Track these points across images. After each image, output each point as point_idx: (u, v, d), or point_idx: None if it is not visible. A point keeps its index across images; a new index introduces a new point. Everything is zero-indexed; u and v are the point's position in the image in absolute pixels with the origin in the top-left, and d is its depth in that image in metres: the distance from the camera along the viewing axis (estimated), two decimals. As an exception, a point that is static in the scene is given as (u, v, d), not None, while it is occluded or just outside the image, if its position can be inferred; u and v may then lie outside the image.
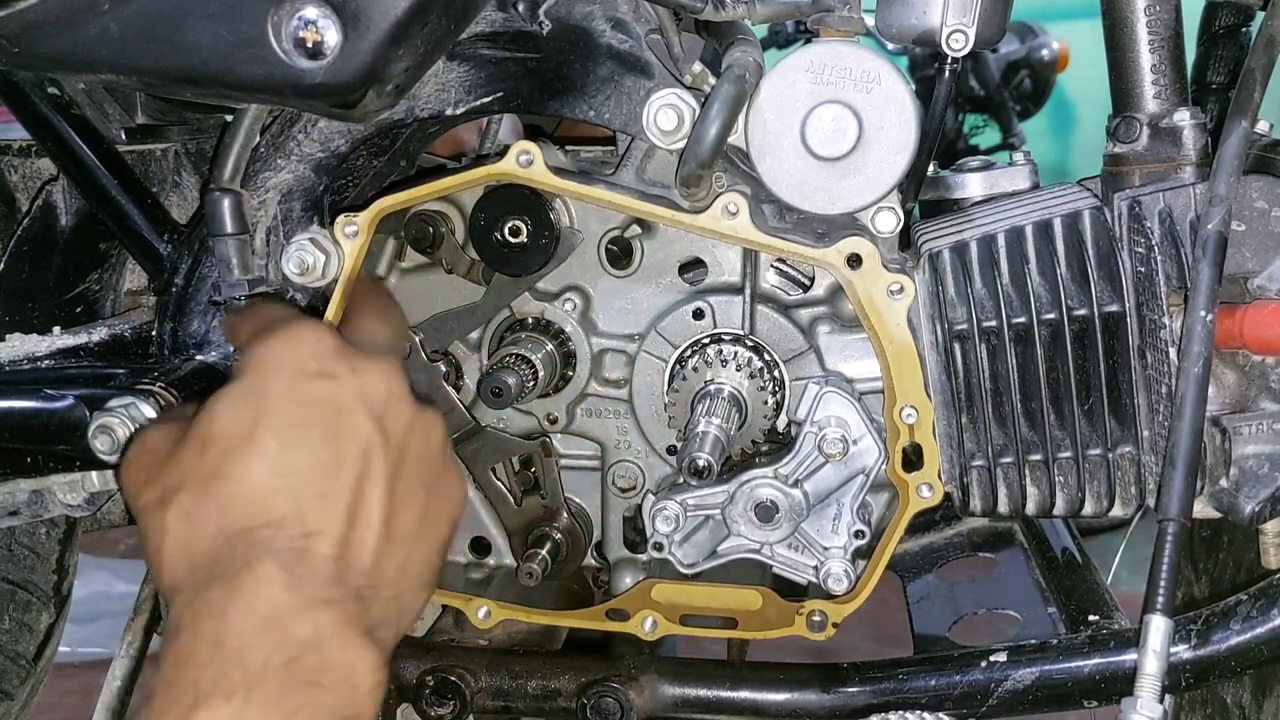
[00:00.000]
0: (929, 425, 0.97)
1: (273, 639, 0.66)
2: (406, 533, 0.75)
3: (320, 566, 0.69)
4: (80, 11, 0.82)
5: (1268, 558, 0.98)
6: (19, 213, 1.28)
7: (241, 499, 0.70)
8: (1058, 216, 0.95)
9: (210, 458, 0.72)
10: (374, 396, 0.75)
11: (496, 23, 0.94)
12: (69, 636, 1.63)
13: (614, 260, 1.06)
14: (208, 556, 0.69)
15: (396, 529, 0.74)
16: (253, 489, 0.70)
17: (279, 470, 0.71)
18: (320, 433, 0.72)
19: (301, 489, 0.71)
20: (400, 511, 0.74)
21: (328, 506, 0.71)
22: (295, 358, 0.74)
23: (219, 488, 0.71)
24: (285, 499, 0.70)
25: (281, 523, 0.69)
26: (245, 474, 0.71)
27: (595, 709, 1.06)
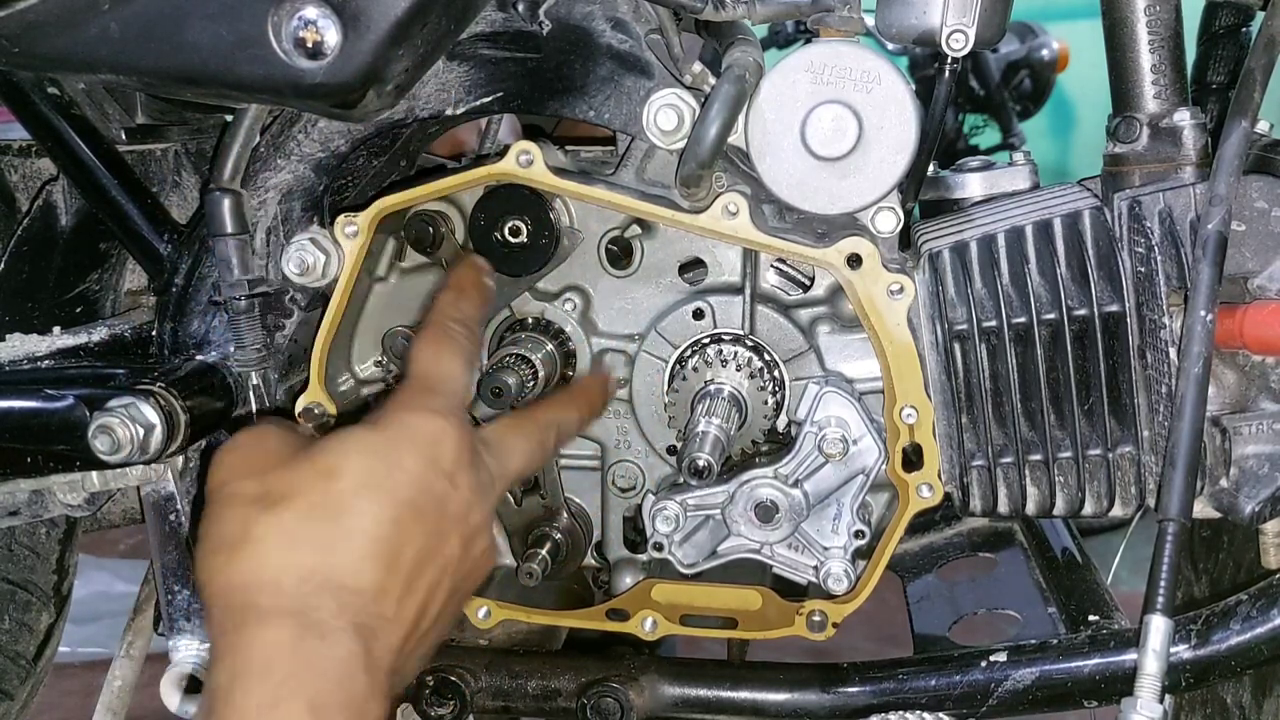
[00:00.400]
0: (929, 425, 0.97)
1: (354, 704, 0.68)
2: (425, 628, 0.77)
3: (385, 657, 0.71)
4: (80, 11, 0.82)
5: (1268, 558, 0.98)
6: (19, 213, 1.28)
7: (346, 552, 0.71)
8: (1058, 216, 0.95)
9: (331, 491, 0.73)
10: (473, 520, 0.78)
11: (496, 23, 0.94)
12: (69, 636, 1.63)
13: (614, 260, 1.06)
14: (296, 589, 0.70)
15: (426, 630, 0.77)
16: (359, 549, 0.72)
17: (386, 545, 0.72)
18: (427, 531, 0.75)
19: (394, 572, 0.73)
20: (434, 613, 0.77)
21: (405, 599, 0.73)
22: (438, 446, 0.77)
23: (327, 528, 0.72)
24: (379, 573, 0.72)
25: (368, 596, 0.71)
26: (359, 530, 0.72)
27: (595, 709, 1.06)
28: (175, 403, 0.95)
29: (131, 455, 0.92)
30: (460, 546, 0.77)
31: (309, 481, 0.73)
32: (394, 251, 1.07)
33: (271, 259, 1.01)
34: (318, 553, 0.71)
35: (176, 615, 1.04)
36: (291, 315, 1.02)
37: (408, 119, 0.97)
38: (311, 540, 0.71)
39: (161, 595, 1.05)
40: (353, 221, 0.97)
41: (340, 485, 0.73)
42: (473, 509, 0.78)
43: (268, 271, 1.01)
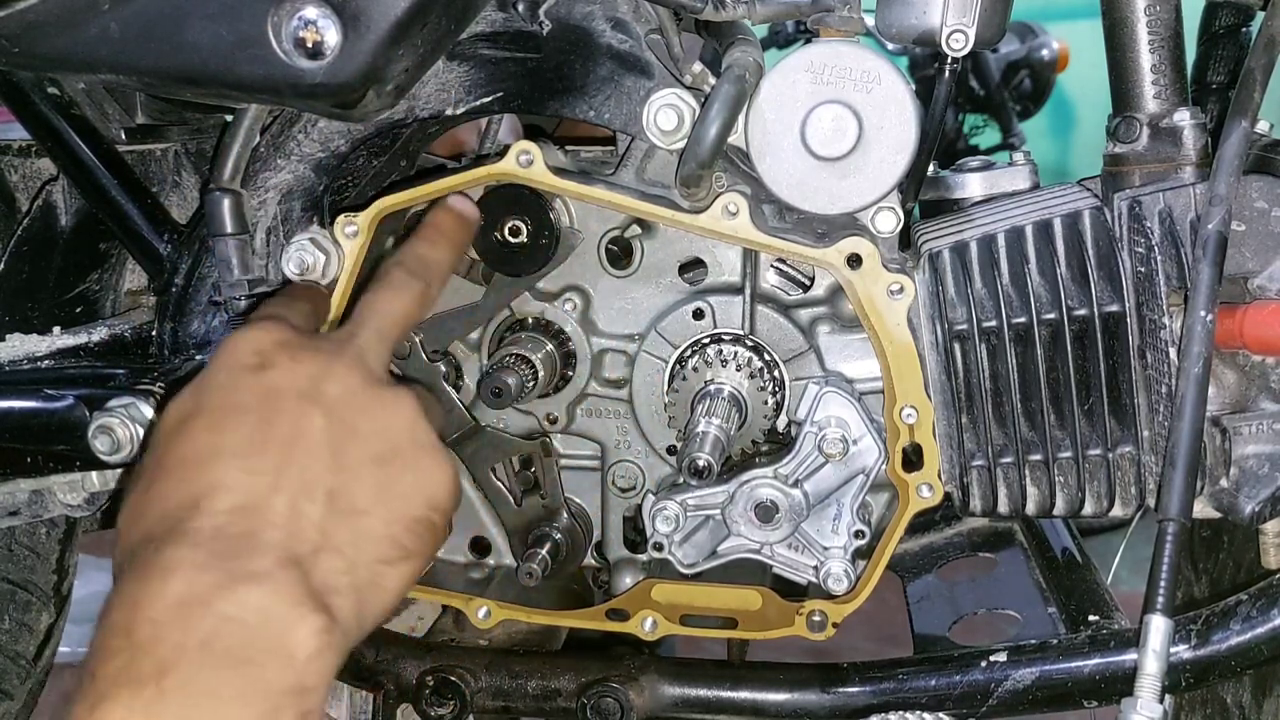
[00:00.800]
0: (929, 425, 0.97)
1: (186, 621, 0.65)
2: (358, 504, 0.74)
3: (241, 541, 0.69)
4: (80, 11, 0.82)
5: (1268, 558, 0.98)
6: (19, 213, 1.27)
7: (169, 484, 0.72)
8: (1058, 216, 0.95)
9: (156, 450, 0.75)
10: (311, 379, 0.76)
11: (496, 23, 0.94)
12: (69, 636, 1.62)
13: (614, 260, 1.06)
14: (130, 547, 0.71)
15: (344, 500, 0.74)
16: (180, 473, 0.72)
17: (203, 454, 0.72)
18: (251, 418, 0.74)
19: (224, 468, 0.71)
20: (349, 486, 0.74)
21: (252, 482, 0.71)
22: (236, 352, 0.77)
23: (155, 478, 0.73)
24: (206, 479, 0.71)
25: (198, 503, 0.70)
26: (175, 461, 0.73)
27: (595, 709, 1.06)
28: (175, 403, 0.95)
29: (131, 455, 0.92)
30: (313, 407, 0.75)
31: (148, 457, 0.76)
32: (394, 251, 1.07)
33: (271, 259, 1.01)
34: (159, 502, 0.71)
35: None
36: (291, 315, 1.02)
37: (408, 119, 0.97)
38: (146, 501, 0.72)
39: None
40: (353, 221, 0.97)
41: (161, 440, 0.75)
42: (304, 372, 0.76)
43: (268, 271, 1.01)
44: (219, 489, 0.70)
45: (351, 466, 0.75)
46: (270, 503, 0.71)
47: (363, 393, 0.77)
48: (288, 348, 0.78)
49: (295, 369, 0.76)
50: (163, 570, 0.67)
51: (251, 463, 0.72)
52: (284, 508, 0.71)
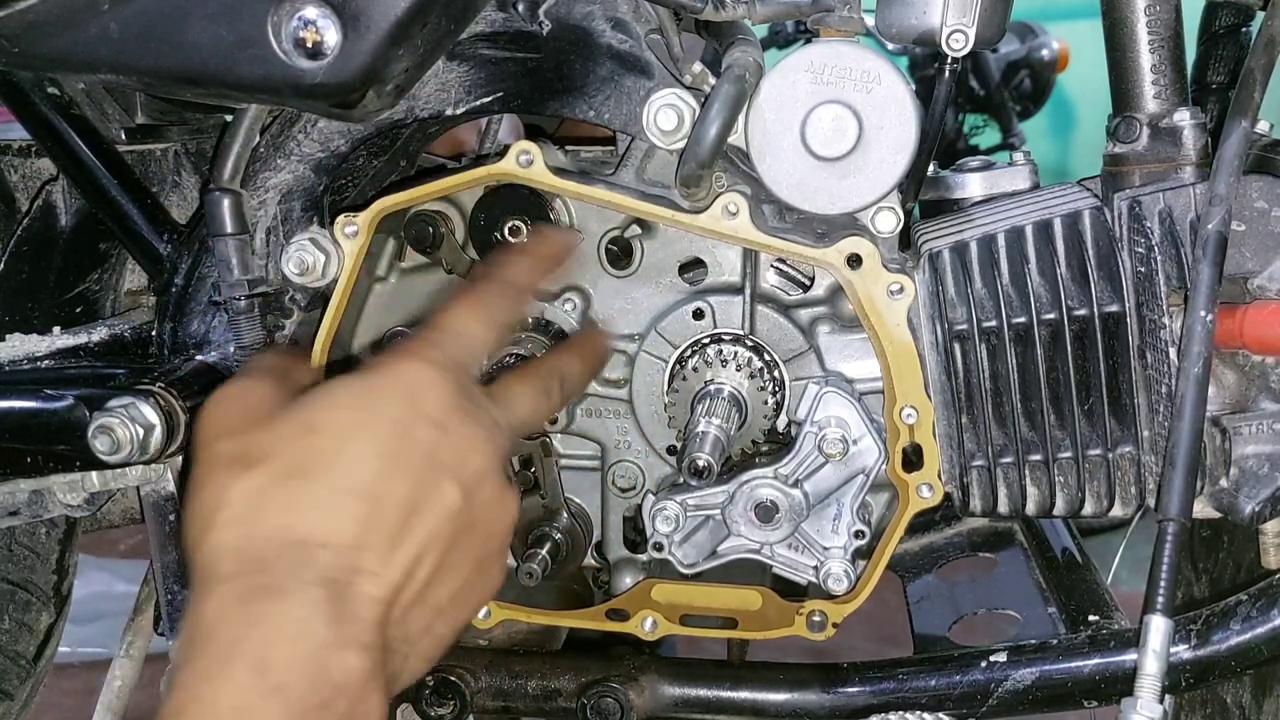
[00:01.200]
0: (929, 425, 0.97)
1: (311, 676, 0.64)
2: (440, 601, 0.74)
3: (365, 608, 0.68)
4: (80, 11, 0.82)
5: (1268, 558, 0.98)
6: (19, 213, 1.27)
7: (318, 507, 0.69)
8: (1058, 216, 0.95)
9: (306, 447, 0.70)
10: (471, 465, 0.74)
11: (496, 23, 0.94)
12: (69, 636, 1.62)
13: (614, 260, 1.06)
14: (260, 551, 0.67)
15: (433, 594, 0.73)
16: (332, 502, 0.69)
17: (364, 496, 0.70)
18: (414, 479, 0.71)
19: (374, 523, 0.69)
20: (443, 579, 0.73)
21: (392, 551, 0.70)
22: (420, 394, 0.74)
23: (300, 483, 0.69)
24: (357, 527, 0.69)
25: (344, 550, 0.68)
26: (332, 483, 0.69)
27: (595, 709, 1.06)
28: (175, 403, 0.95)
29: (131, 455, 0.92)
30: (460, 495, 0.73)
31: (287, 439, 0.71)
32: (394, 251, 1.07)
33: (271, 259, 1.01)
34: (287, 512, 0.69)
35: (176, 615, 1.04)
36: (291, 315, 1.02)
37: (408, 119, 0.97)
38: (283, 500, 0.69)
39: (161, 595, 1.05)
40: (353, 221, 0.97)
41: (317, 440, 0.71)
42: (470, 455, 0.74)
43: (267, 271, 1.01)
44: (363, 544, 0.69)
45: (454, 563, 0.74)
46: (396, 581, 0.70)
47: (494, 495, 0.77)
48: (465, 418, 0.75)
49: (464, 447, 0.74)
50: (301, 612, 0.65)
51: (396, 529, 0.70)
52: (402, 591, 0.70)
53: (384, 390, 0.73)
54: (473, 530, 0.75)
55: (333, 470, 0.70)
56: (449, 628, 0.76)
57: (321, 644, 0.65)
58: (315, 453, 0.70)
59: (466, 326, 0.81)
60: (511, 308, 0.86)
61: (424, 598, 0.72)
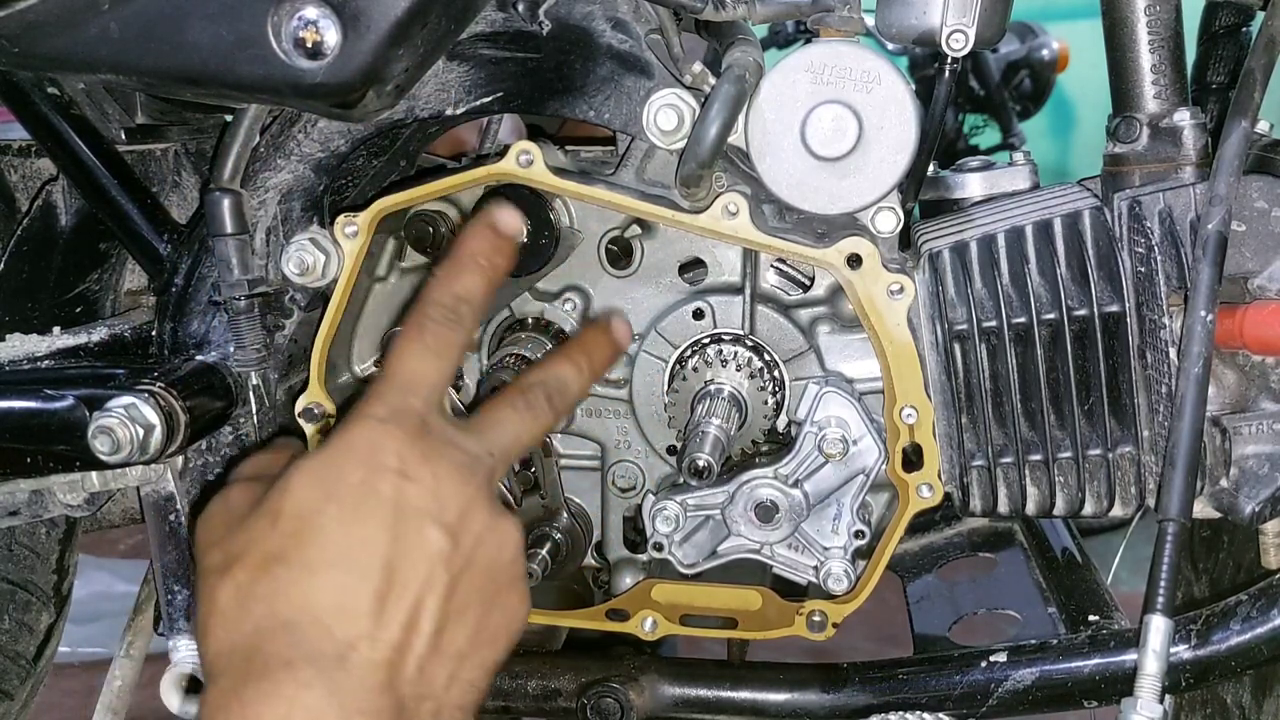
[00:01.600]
0: (929, 425, 0.97)
1: None
2: (458, 646, 0.73)
3: (363, 674, 0.68)
4: (80, 11, 0.82)
5: (1268, 558, 0.98)
6: (19, 213, 1.27)
7: (295, 586, 0.69)
8: (1058, 216, 0.95)
9: (276, 534, 0.71)
10: (449, 504, 0.73)
11: (496, 23, 0.94)
12: (69, 636, 1.62)
13: (614, 260, 1.06)
14: (249, 642, 0.68)
15: (448, 641, 0.72)
16: (309, 579, 0.69)
17: (338, 565, 0.69)
18: (388, 533, 0.71)
19: (358, 589, 0.69)
20: (454, 623, 0.73)
21: (382, 612, 0.69)
22: (379, 451, 0.73)
23: (277, 569, 0.70)
24: (338, 596, 0.69)
25: (331, 622, 0.68)
26: (304, 561, 0.69)
27: (595, 709, 1.06)
28: (175, 403, 0.94)
29: (131, 455, 0.92)
30: (443, 536, 0.72)
31: (259, 531, 0.72)
32: (394, 251, 1.07)
33: (271, 259, 1.01)
34: (269, 600, 0.69)
35: (176, 615, 1.04)
36: (291, 315, 1.02)
37: (408, 119, 0.97)
38: (263, 590, 0.69)
39: (161, 595, 1.05)
40: (353, 221, 0.97)
41: (285, 524, 0.71)
42: (444, 495, 0.73)
43: (267, 271, 1.01)
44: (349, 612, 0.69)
45: (460, 605, 0.73)
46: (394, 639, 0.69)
47: (486, 526, 0.75)
48: (429, 460, 0.74)
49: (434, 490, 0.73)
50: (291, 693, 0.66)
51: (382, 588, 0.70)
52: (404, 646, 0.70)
53: (338, 458, 0.73)
54: (472, 568, 0.74)
55: (304, 548, 0.70)
56: (478, 671, 0.75)
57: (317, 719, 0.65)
58: (283, 537, 0.71)
59: (409, 366, 0.79)
60: (456, 327, 0.82)
61: (438, 647, 0.71)
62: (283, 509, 0.72)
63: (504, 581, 0.76)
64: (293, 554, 0.70)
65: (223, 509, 0.78)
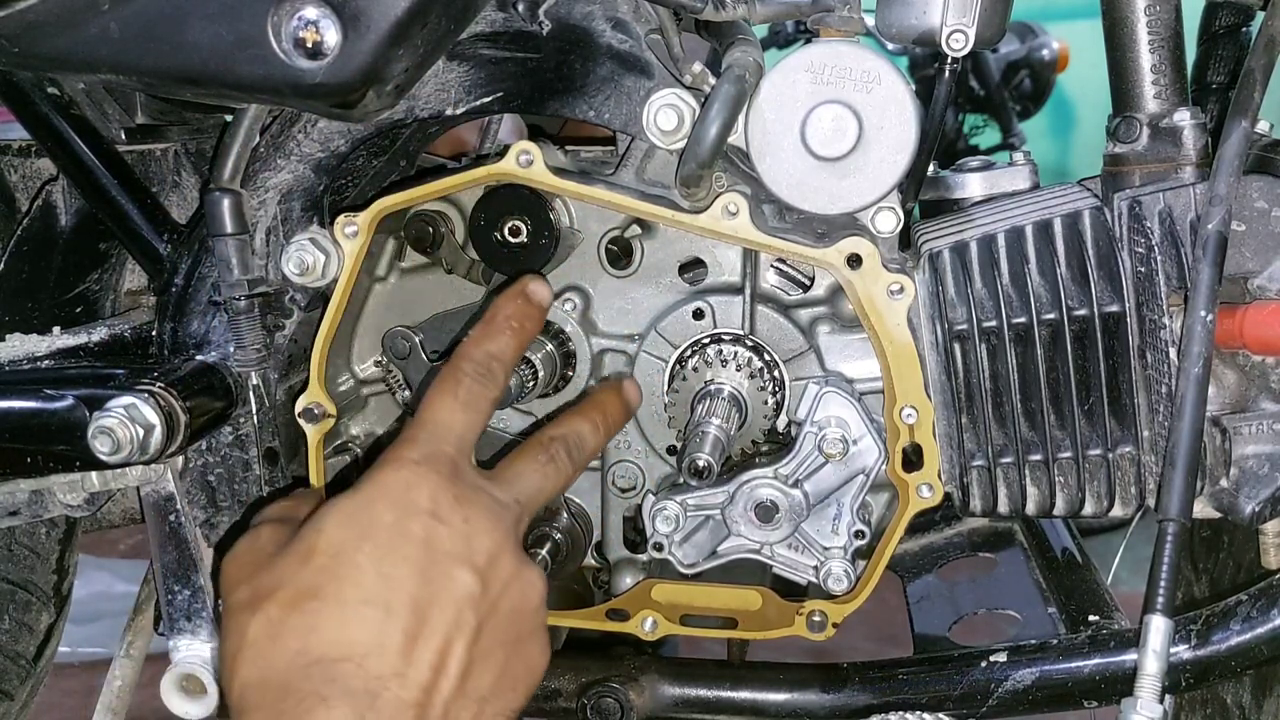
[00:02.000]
0: (929, 425, 0.97)
1: None
2: (482, 690, 0.74)
3: (393, 713, 0.68)
4: (80, 11, 0.82)
5: (1268, 558, 0.98)
6: (19, 213, 1.27)
7: (329, 624, 0.70)
8: (1058, 216, 0.95)
9: (309, 572, 0.72)
10: (479, 548, 0.75)
11: (496, 23, 0.94)
12: (69, 636, 1.62)
13: (614, 260, 1.06)
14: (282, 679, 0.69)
15: (472, 685, 0.73)
16: (342, 616, 0.70)
17: (372, 603, 0.70)
18: (420, 574, 0.72)
19: (390, 627, 0.70)
20: (479, 666, 0.74)
21: (412, 651, 0.70)
22: (412, 493, 0.75)
23: (310, 606, 0.71)
24: (371, 634, 0.70)
25: (363, 659, 0.69)
26: (339, 597, 0.71)
27: (595, 709, 1.06)
28: (175, 403, 0.95)
29: (131, 456, 0.92)
30: (474, 578, 0.74)
31: (290, 569, 0.73)
32: (394, 251, 1.08)
33: (271, 259, 1.01)
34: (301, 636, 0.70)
35: (176, 615, 1.04)
36: (291, 315, 1.02)
37: (408, 119, 0.97)
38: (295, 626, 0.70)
39: (161, 595, 1.05)
40: (353, 221, 0.97)
41: (318, 561, 0.72)
42: (475, 538, 0.75)
43: (267, 271, 1.01)
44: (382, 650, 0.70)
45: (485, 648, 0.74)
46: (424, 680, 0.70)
47: (513, 572, 0.77)
48: (461, 504, 0.76)
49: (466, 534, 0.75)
50: None
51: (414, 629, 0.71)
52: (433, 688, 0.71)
53: (372, 500, 0.75)
54: (498, 613, 0.75)
55: (338, 586, 0.71)
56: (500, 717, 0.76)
57: None
58: (317, 574, 0.72)
59: (443, 416, 0.82)
60: (488, 383, 0.86)
61: (464, 690, 0.72)
62: (316, 546, 0.73)
63: (527, 630, 0.78)
64: (327, 590, 0.71)
65: (251, 547, 0.79)
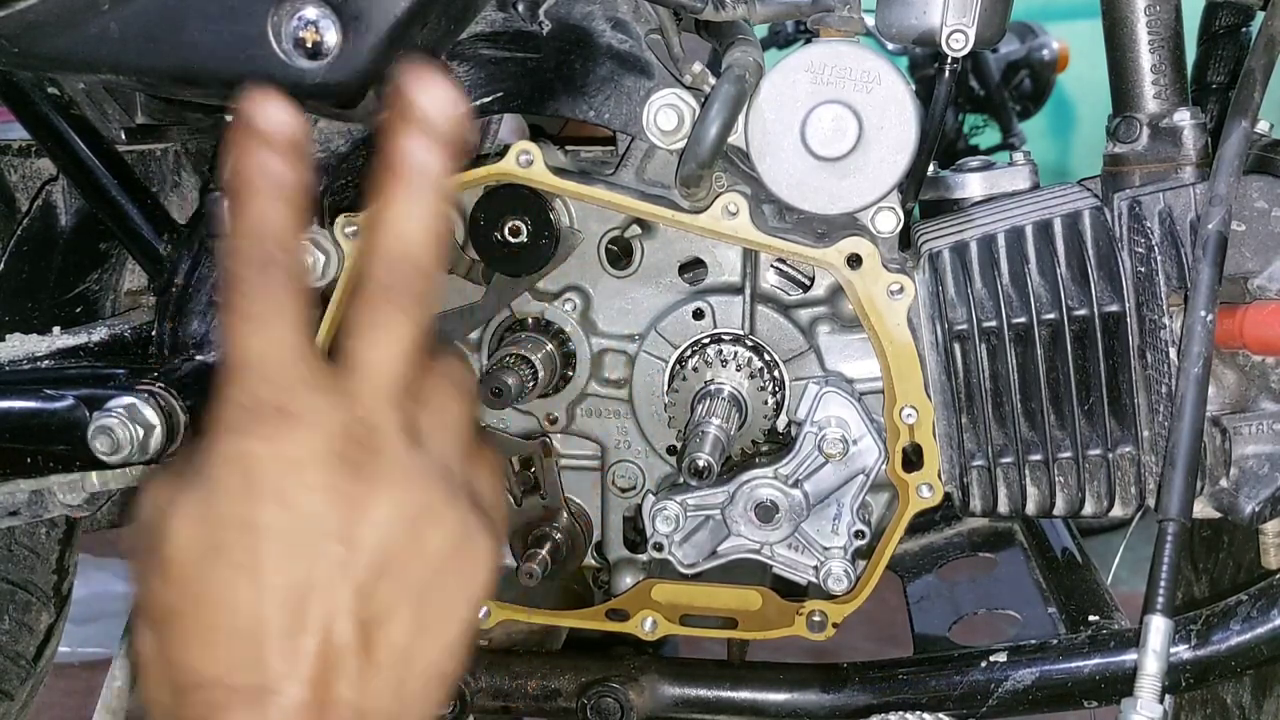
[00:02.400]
0: (929, 425, 0.97)
1: None
2: (395, 652, 0.65)
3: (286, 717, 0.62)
4: (80, 11, 0.82)
5: (1268, 558, 0.98)
6: (19, 213, 1.27)
7: (194, 648, 0.63)
8: (1058, 216, 0.95)
9: (169, 590, 0.64)
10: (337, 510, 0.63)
11: (496, 23, 0.94)
12: (69, 636, 1.63)
13: (614, 260, 1.06)
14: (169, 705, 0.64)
15: (382, 652, 0.64)
16: (207, 637, 0.63)
17: (233, 615, 0.62)
18: (277, 566, 0.62)
19: (256, 634, 0.62)
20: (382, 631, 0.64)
21: (287, 651, 0.62)
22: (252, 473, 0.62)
23: (175, 631, 0.64)
24: (239, 649, 0.62)
25: (236, 679, 0.62)
26: (197, 619, 0.63)
27: (595, 709, 1.06)
28: (175, 403, 0.95)
29: (131, 455, 0.92)
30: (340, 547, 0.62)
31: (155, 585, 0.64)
32: (394, 251, 1.07)
33: (271, 259, 1.01)
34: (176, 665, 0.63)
35: (176, 615, 1.04)
36: (291, 315, 1.02)
37: (408, 119, 0.97)
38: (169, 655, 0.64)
39: (161, 595, 1.05)
40: (353, 221, 0.97)
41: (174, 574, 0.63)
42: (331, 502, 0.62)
43: (268, 271, 1.01)
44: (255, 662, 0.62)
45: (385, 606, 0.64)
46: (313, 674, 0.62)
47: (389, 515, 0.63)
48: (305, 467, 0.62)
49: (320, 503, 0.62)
50: None
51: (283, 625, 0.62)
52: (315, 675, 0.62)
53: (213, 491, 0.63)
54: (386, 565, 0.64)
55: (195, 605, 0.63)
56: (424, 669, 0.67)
57: None
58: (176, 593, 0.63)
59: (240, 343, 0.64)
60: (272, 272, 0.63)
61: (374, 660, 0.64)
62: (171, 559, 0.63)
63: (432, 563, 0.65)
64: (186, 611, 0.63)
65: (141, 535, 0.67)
